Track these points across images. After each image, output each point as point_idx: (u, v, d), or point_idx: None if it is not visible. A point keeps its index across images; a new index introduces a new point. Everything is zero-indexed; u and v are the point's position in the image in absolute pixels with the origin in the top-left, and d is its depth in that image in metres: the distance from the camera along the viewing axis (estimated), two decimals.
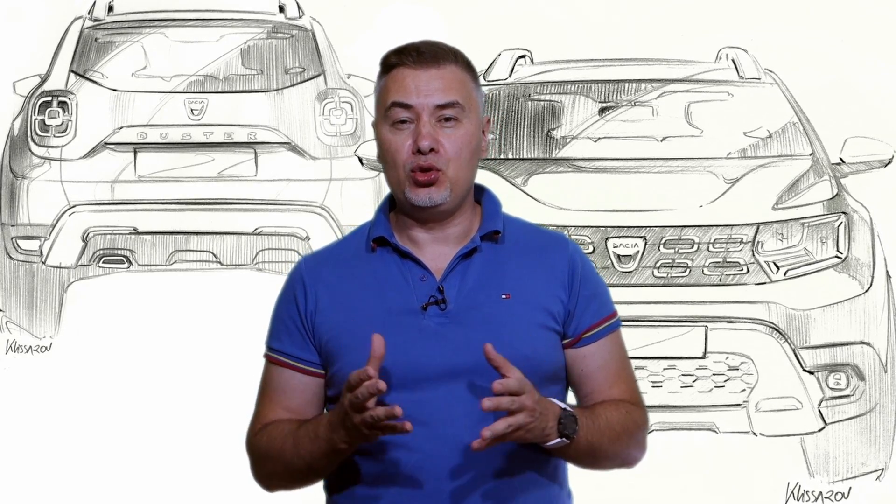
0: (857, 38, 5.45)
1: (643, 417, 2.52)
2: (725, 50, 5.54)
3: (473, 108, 2.46)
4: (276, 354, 2.53)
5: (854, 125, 5.38)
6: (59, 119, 5.53)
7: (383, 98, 2.46)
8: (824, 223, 5.22)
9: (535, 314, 2.45)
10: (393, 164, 2.45)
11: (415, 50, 2.45)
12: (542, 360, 2.44)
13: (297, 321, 2.49)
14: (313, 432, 2.41)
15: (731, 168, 5.30)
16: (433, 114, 2.43)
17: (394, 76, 2.45)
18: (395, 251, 2.48)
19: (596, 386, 2.50)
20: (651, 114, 5.46)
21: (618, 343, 2.53)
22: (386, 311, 2.43)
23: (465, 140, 2.44)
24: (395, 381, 2.39)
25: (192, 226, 5.50)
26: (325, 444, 2.38)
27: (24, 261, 5.49)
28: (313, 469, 2.44)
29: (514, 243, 2.51)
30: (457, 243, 2.48)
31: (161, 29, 5.64)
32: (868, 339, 5.19)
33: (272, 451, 2.47)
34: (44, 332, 5.46)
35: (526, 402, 2.29)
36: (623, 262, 5.17)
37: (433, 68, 2.44)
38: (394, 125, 2.44)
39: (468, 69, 2.48)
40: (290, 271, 2.55)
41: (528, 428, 2.31)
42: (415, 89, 2.43)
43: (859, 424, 5.20)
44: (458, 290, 2.44)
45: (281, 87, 5.61)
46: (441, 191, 2.43)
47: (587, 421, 2.41)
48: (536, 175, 5.32)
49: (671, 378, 5.14)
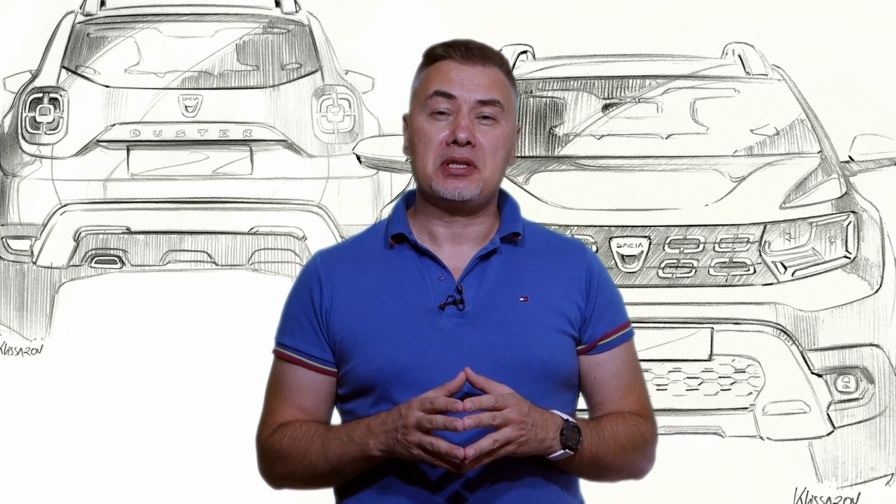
0: (867, 34, 5.45)
1: (652, 430, 2.56)
2: (732, 45, 5.55)
3: (511, 113, 2.51)
4: (289, 351, 2.54)
5: (863, 122, 5.38)
6: (51, 116, 5.53)
7: (424, 87, 2.50)
8: (833, 222, 5.22)
9: (552, 318, 2.48)
10: (424, 152, 2.48)
11: (463, 45, 2.51)
12: (558, 365, 2.46)
13: (311, 317, 2.51)
14: (346, 436, 2.42)
15: (738, 166, 5.30)
16: (473, 109, 2.47)
17: (438, 67, 2.50)
18: (413, 249, 2.51)
19: (607, 395, 2.53)
20: (656, 111, 5.46)
21: (631, 353, 2.58)
22: (403, 310, 2.45)
23: (501, 140, 2.49)
24: (410, 381, 2.41)
25: (187, 225, 5.50)
26: (357, 449, 2.41)
27: (15, 261, 5.49)
28: (338, 472, 2.45)
29: (533, 247, 2.54)
30: (475, 244, 2.51)
31: (154, 24, 5.63)
32: (877, 341, 5.20)
33: (294, 452, 2.48)
34: (34, 334, 5.46)
35: (510, 416, 2.32)
36: (627, 263, 5.17)
37: (479, 66, 2.49)
38: (432, 115, 2.48)
39: (509, 76, 2.54)
40: (305, 266, 2.57)
41: (520, 441, 2.34)
42: (459, 82, 2.47)
43: (869, 428, 5.20)
44: (477, 290, 2.47)
45: (277, 83, 5.61)
46: (472, 187, 2.47)
47: (591, 433, 2.44)
48: (539, 173, 5.32)
49: (676, 381, 5.14)
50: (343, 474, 2.46)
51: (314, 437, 2.47)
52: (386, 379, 2.44)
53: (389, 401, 2.43)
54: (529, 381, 2.42)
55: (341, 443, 2.43)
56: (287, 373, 2.54)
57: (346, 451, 2.42)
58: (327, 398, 2.53)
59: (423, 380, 2.40)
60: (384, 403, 2.44)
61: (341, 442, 2.43)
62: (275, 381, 2.56)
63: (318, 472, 2.47)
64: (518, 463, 2.41)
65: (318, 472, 2.47)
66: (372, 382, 2.45)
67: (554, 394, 2.44)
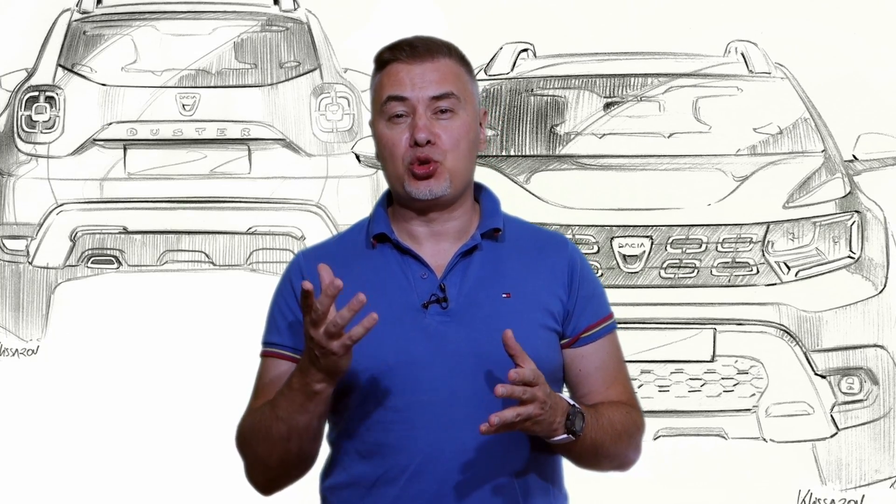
0: (871, 32, 5.45)
1: (641, 420, 2.59)
2: (735, 43, 5.55)
3: (469, 100, 2.53)
4: (274, 348, 2.56)
5: (867, 121, 5.38)
6: (47, 115, 5.53)
7: (379, 94, 2.53)
8: (837, 222, 5.22)
9: (535, 313, 2.51)
10: (391, 158, 2.51)
11: (408, 45, 2.52)
12: (542, 360, 2.47)
13: (296, 312, 2.51)
14: (286, 388, 2.43)
15: (741, 165, 5.30)
16: (429, 106, 2.49)
17: (388, 71, 2.52)
18: (395, 248, 2.53)
19: (593, 386, 2.56)
20: (658, 109, 5.46)
21: (615, 344, 2.60)
22: (387, 309, 2.45)
23: (462, 131, 2.51)
24: (395, 379, 2.44)
25: (184, 225, 5.50)
26: (300, 395, 2.40)
27: (10, 261, 5.49)
28: (293, 428, 2.44)
29: (514, 242, 2.57)
30: (456, 240, 2.54)
31: (152, 22, 5.63)
32: (882, 341, 5.20)
33: (254, 432, 2.49)
34: (30, 335, 5.46)
35: (538, 394, 2.34)
36: (629, 263, 5.17)
37: (427, 61, 2.50)
38: (390, 120, 2.51)
39: (462, 62, 2.55)
40: (288, 266, 2.59)
41: (537, 420, 2.36)
42: (409, 82, 2.49)
43: (873, 430, 5.20)
44: (459, 288, 2.49)
45: (275, 81, 5.60)
46: (440, 182, 2.49)
47: (592, 419, 2.46)
48: (539, 172, 5.32)
49: (678, 382, 5.14)
50: (299, 429, 2.43)
51: (263, 406, 2.48)
52: (371, 378, 2.45)
53: (375, 400, 2.45)
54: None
55: (285, 397, 2.42)
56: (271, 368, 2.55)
57: (292, 401, 2.41)
58: None
59: (408, 378, 2.43)
60: (370, 403, 2.46)
61: (284, 396, 2.43)
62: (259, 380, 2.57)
63: (275, 438, 2.45)
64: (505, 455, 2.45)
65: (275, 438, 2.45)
66: (357, 382, 2.46)
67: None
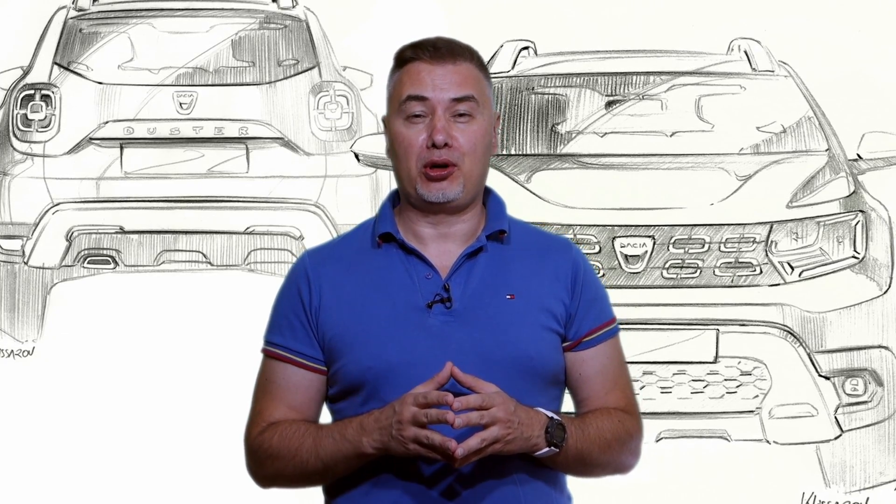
0: (875, 29, 5.45)
1: (637, 426, 2.61)
2: (738, 41, 5.55)
3: (486, 105, 2.56)
4: (278, 349, 2.58)
5: (872, 120, 5.38)
6: (42, 113, 5.53)
7: (398, 92, 2.55)
8: (841, 222, 5.21)
9: (538, 316, 2.54)
10: (405, 157, 2.53)
11: (431, 45, 2.54)
12: (544, 362, 2.52)
13: (301, 316, 2.55)
14: (339, 434, 2.46)
15: (744, 164, 5.30)
16: (448, 108, 2.52)
17: (409, 70, 2.54)
18: (400, 248, 2.55)
19: (593, 391, 2.59)
20: (660, 108, 5.46)
21: (617, 349, 2.63)
22: (391, 309, 2.49)
23: (479, 135, 2.53)
24: (399, 379, 2.46)
25: (181, 225, 5.50)
26: (350, 447, 2.44)
27: (6, 261, 5.49)
28: (329, 470, 2.49)
29: (519, 244, 2.59)
30: (462, 242, 2.56)
31: (148, 19, 5.63)
32: (886, 342, 5.20)
33: (284, 451, 2.51)
34: (26, 336, 5.46)
35: (498, 415, 2.38)
36: (631, 263, 5.17)
37: (449, 63, 2.53)
38: (407, 119, 2.53)
39: (482, 67, 2.58)
40: (293, 266, 2.61)
41: (507, 440, 2.39)
42: (431, 83, 2.52)
43: (877, 432, 5.20)
44: (464, 289, 2.52)
45: (273, 79, 5.60)
46: (454, 186, 2.52)
47: (576, 430, 2.49)
48: (540, 171, 5.32)
49: (681, 383, 5.13)
50: (334, 472, 2.50)
51: (305, 435, 2.51)
52: (374, 378, 2.48)
53: (378, 399, 2.47)
54: (516, 378, 2.48)
55: (333, 441, 2.46)
56: (277, 371, 2.57)
57: (338, 449, 2.46)
58: (317, 396, 2.57)
59: (412, 378, 2.44)
60: (373, 402, 2.48)
61: (333, 440, 2.47)
62: (264, 379, 2.59)
63: (308, 471, 2.50)
64: (505, 460, 2.46)
65: (308, 471, 2.50)
66: (361, 381, 2.50)
67: (540, 390, 2.50)
